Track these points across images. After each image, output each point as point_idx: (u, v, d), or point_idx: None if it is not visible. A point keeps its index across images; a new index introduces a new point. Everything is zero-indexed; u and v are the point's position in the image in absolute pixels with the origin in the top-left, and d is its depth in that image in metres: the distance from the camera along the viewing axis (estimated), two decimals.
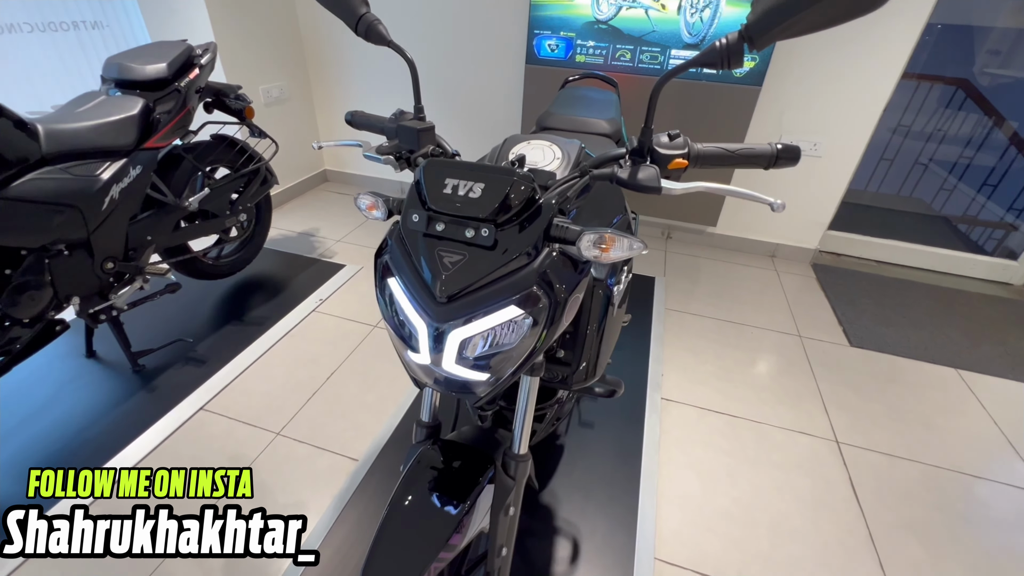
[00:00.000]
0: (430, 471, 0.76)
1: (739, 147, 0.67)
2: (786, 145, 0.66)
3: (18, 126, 1.29)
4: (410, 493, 0.72)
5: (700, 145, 0.68)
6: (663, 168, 0.66)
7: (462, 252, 0.60)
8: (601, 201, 0.95)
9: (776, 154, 0.65)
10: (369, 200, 0.71)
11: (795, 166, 0.67)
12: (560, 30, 2.41)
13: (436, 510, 0.70)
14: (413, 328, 0.63)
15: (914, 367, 2.02)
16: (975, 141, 3.67)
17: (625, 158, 0.68)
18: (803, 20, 0.50)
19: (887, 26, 2.11)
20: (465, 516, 0.69)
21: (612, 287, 0.88)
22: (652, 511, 1.38)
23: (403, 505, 0.71)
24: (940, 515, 1.43)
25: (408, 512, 0.69)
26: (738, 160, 0.67)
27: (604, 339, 0.90)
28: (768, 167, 0.67)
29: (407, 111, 0.82)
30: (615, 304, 0.89)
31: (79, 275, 1.47)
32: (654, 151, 0.66)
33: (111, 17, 2.37)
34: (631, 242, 0.60)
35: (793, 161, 0.67)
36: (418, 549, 0.65)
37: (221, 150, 1.95)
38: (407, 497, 0.72)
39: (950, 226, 3.43)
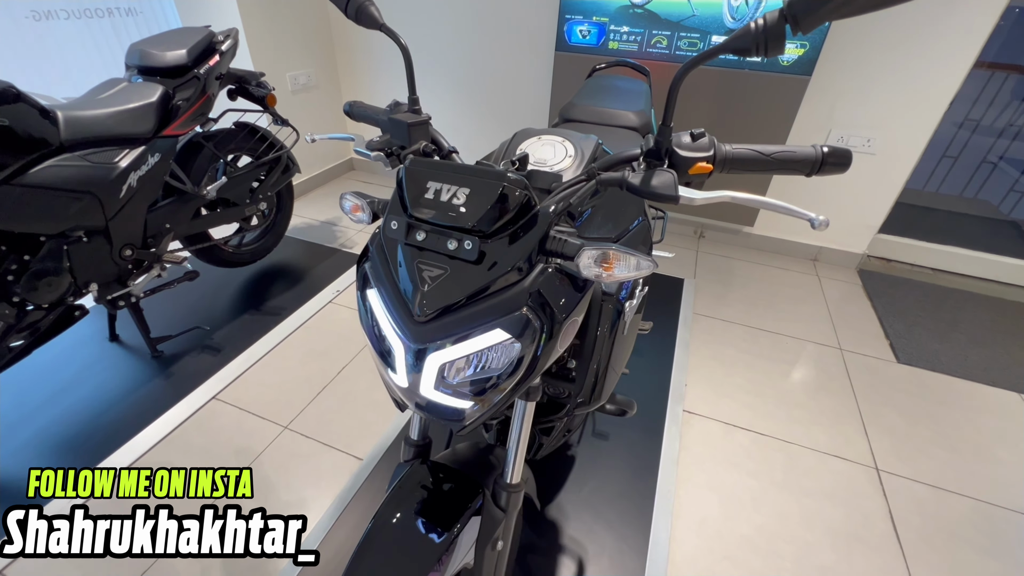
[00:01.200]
0: (415, 493, 0.70)
1: (776, 149, 0.57)
2: (833, 148, 0.55)
3: (39, 113, 1.29)
4: (392, 516, 0.66)
5: (729, 147, 0.58)
6: (683, 173, 0.57)
7: (444, 266, 0.53)
8: (620, 202, 0.86)
9: (821, 158, 0.55)
10: (353, 201, 0.64)
11: (844, 172, 0.57)
12: (592, 15, 2.28)
13: (417, 538, 0.64)
14: (391, 347, 0.57)
15: (970, 389, 1.83)
16: None
17: (639, 160, 0.58)
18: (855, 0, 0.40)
19: (961, 9, 1.89)
20: (447, 549, 0.63)
21: (624, 302, 0.79)
22: (666, 534, 1.29)
23: (383, 529, 0.66)
24: (993, 562, 1.28)
25: (388, 537, 0.63)
26: (774, 165, 0.57)
27: (612, 359, 0.81)
28: (811, 174, 0.57)
29: (403, 103, 0.75)
30: (627, 321, 0.80)
31: (97, 262, 1.49)
32: (673, 153, 0.57)
33: (145, 3, 2.40)
34: (639, 260, 0.51)
35: (842, 167, 0.56)
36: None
37: (243, 138, 1.93)
38: (388, 520, 0.66)
39: (1020, 232, 3.11)
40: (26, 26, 2.02)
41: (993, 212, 3.40)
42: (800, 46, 2.06)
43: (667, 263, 2.47)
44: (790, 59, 2.10)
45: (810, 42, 2.04)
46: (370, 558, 0.63)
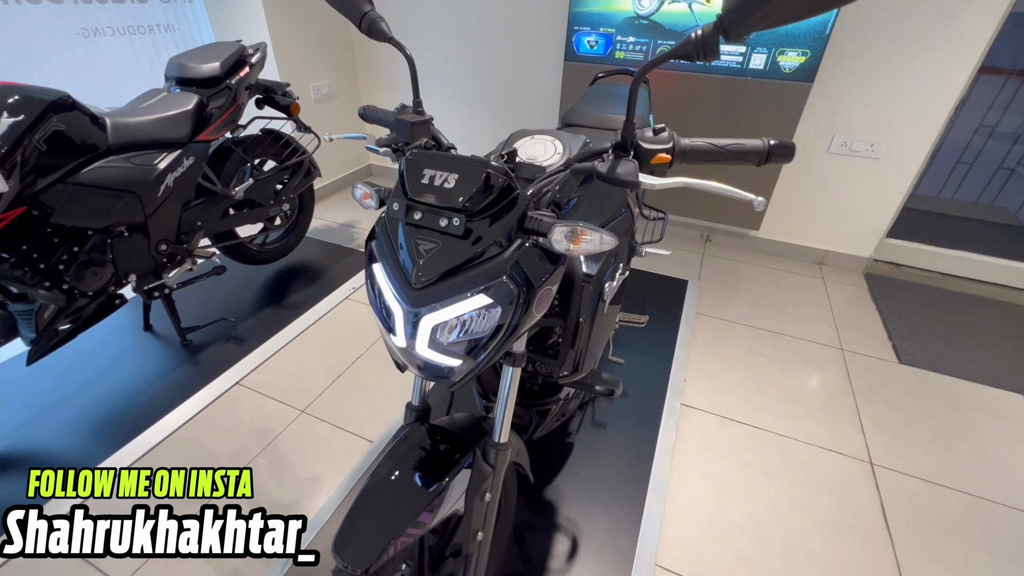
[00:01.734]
0: (412, 451, 0.78)
1: (729, 142, 0.64)
2: (779, 141, 0.63)
3: (90, 120, 1.44)
4: (388, 469, 0.75)
5: (687, 140, 0.66)
6: (646, 163, 0.65)
7: (436, 240, 0.62)
8: (603, 195, 0.94)
9: (768, 150, 0.63)
10: (363, 190, 0.74)
11: (790, 162, 0.64)
12: (600, 26, 2.38)
13: (410, 487, 0.72)
14: (392, 312, 0.66)
15: (973, 390, 1.84)
16: None
17: (608, 152, 0.67)
18: (778, 10, 0.48)
19: (959, 16, 1.93)
20: (438, 496, 0.71)
21: (604, 283, 0.86)
22: (658, 516, 1.35)
23: (379, 480, 0.74)
24: (985, 554, 1.30)
25: (383, 487, 0.72)
26: (727, 156, 0.64)
27: (594, 334, 0.89)
28: (760, 163, 0.64)
29: (409, 105, 0.85)
30: (606, 300, 0.88)
31: (136, 255, 1.63)
32: (637, 145, 0.65)
33: (182, 20, 2.58)
34: (602, 236, 0.59)
35: (787, 158, 0.63)
36: (387, 523, 0.67)
37: (268, 143, 2.08)
38: (384, 472, 0.74)
39: None
40: (76, 42, 2.21)
41: (1011, 219, 3.36)
42: (801, 54, 2.12)
43: (672, 266, 2.53)
44: (792, 66, 2.16)
45: (811, 50, 2.10)
46: (368, 502, 0.71)
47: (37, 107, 1.27)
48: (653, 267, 2.51)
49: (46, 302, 1.42)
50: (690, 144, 0.65)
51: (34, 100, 1.28)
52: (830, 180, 2.43)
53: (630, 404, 1.70)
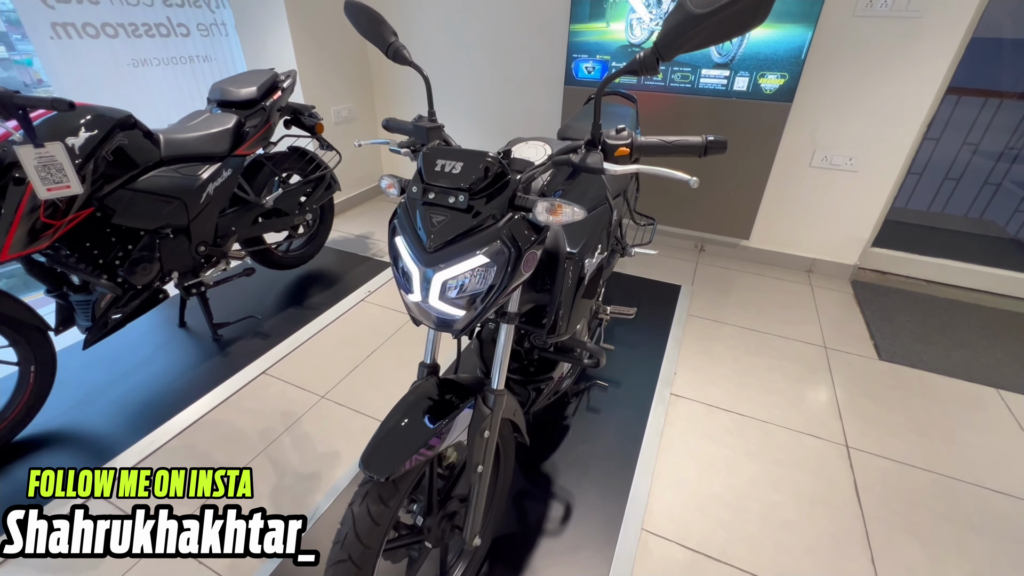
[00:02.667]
0: (425, 395, 0.93)
1: (675, 139, 0.82)
2: (716, 137, 0.80)
3: (147, 136, 1.66)
4: (405, 406, 0.90)
5: (643, 138, 0.83)
6: (610, 155, 0.83)
7: (446, 214, 0.79)
8: (585, 190, 1.11)
9: (706, 144, 0.80)
10: (388, 180, 0.92)
11: (724, 153, 0.81)
12: (596, 54, 2.60)
13: (421, 419, 0.87)
14: (410, 273, 0.83)
15: (948, 384, 1.95)
16: None
17: (581, 148, 0.85)
18: (698, 36, 0.65)
19: (920, 42, 2.12)
20: (444, 427, 0.86)
21: (583, 260, 1.03)
22: (645, 489, 1.48)
23: (397, 414, 0.88)
24: (948, 524, 1.41)
25: (401, 419, 0.87)
26: (674, 149, 0.82)
27: (576, 302, 1.05)
28: (701, 155, 0.81)
29: (425, 116, 1.04)
30: (586, 275, 1.05)
31: (179, 254, 1.83)
32: (603, 142, 0.83)
33: (219, 52, 2.86)
34: (575, 209, 0.76)
35: (721, 150, 0.80)
36: (404, 444, 0.82)
37: (295, 159, 2.30)
38: (402, 408, 0.89)
39: (1022, 249, 3.20)
40: (127, 71, 2.47)
41: (998, 231, 3.49)
42: (780, 76, 2.32)
43: (666, 272, 2.69)
44: (772, 88, 2.36)
45: (789, 73, 2.29)
46: (389, 429, 0.86)
47: (107, 124, 1.50)
48: (648, 273, 2.68)
49: (105, 292, 1.61)
50: (644, 141, 0.82)
51: (105, 118, 1.50)
52: (814, 192, 2.59)
53: (622, 393, 1.84)
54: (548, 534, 1.34)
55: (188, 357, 1.97)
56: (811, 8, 2.14)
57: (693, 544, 1.33)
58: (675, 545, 1.33)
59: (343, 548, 0.80)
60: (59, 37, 2.21)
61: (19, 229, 1.34)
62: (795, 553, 1.32)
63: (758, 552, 1.32)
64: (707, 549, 1.32)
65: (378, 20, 0.98)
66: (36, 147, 1.27)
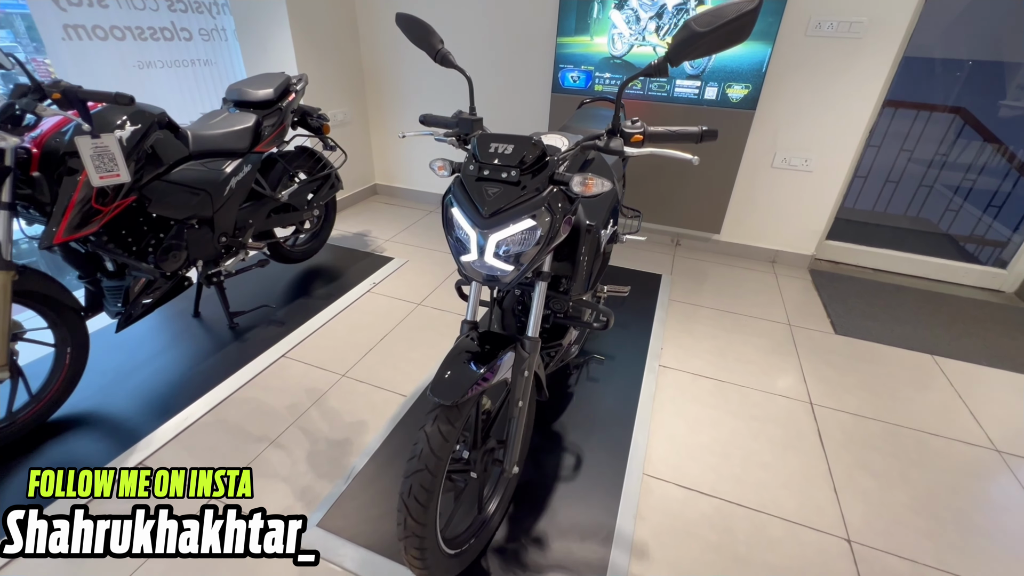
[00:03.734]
0: (473, 343, 1.10)
1: (679, 128, 1.03)
2: (708, 127, 1.02)
3: (177, 135, 1.78)
4: (459, 350, 1.06)
5: (653, 128, 1.05)
6: (628, 141, 1.03)
7: (499, 187, 0.98)
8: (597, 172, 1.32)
9: (701, 133, 1.02)
10: (439, 163, 1.10)
11: (715, 141, 1.03)
12: (581, 64, 2.85)
13: (474, 360, 1.04)
14: (466, 238, 1.01)
15: (893, 352, 2.26)
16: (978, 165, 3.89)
17: (603, 135, 1.05)
18: (699, 48, 0.87)
19: (858, 59, 2.46)
20: (494, 365, 1.04)
21: (600, 231, 1.24)
22: (644, 442, 1.68)
23: (454, 356, 1.05)
24: (895, 461, 1.68)
25: (458, 359, 1.04)
26: (677, 136, 1.03)
27: (595, 267, 1.26)
28: (698, 142, 1.03)
29: (464, 111, 1.22)
30: (603, 243, 1.25)
31: (204, 244, 1.93)
32: (622, 130, 1.04)
33: (220, 56, 2.96)
34: (602, 181, 0.96)
35: (713, 138, 1.02)
36: (465, 377, 0.99)
37: (303, 158, 2.43)
38: (457, 351, 1.06)
39: (952, 242, 3.63)
40: (133, 72, 2.55)
41: (933, 228, 3.93)
42: (745, 87, 2.62)
43: (648, 264, 2.94)
44: (738, 97, 2.65)
45: (752, 83, 2.59)
46: (449, 367, 1.02)
47: (148, 120, 1.61)
48: (633, 264, 2.92)
49: (139, 277, 1.71)
50: (653, 129, 1.04)
51: (146, 114, 1.61)
52: (776, 190, 2.90)
53: (617, 366, 2.05)
54: (563, 480, 1.53)
55: (208, 343, 2.07)
56: (770, 27, 2.45)
57: (687, 483, 1.54)
58: (672, 485, 1.54)
59: (420, 460, 0.96)
60: (70, 38, 2.28)
61: (73, 214, 1.44)
62: (772, 487, 1.55)
63: (742, 488, 1.54)
64: (699, 487, 1.54)
65: (428, 29, 1.17)
66: (93, 138, 1.39)
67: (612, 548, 1.33)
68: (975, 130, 3.79)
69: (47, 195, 1.43)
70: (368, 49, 3.38)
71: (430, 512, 0.97)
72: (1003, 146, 3.73)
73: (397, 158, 3.76)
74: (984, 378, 2.11)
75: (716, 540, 1.38)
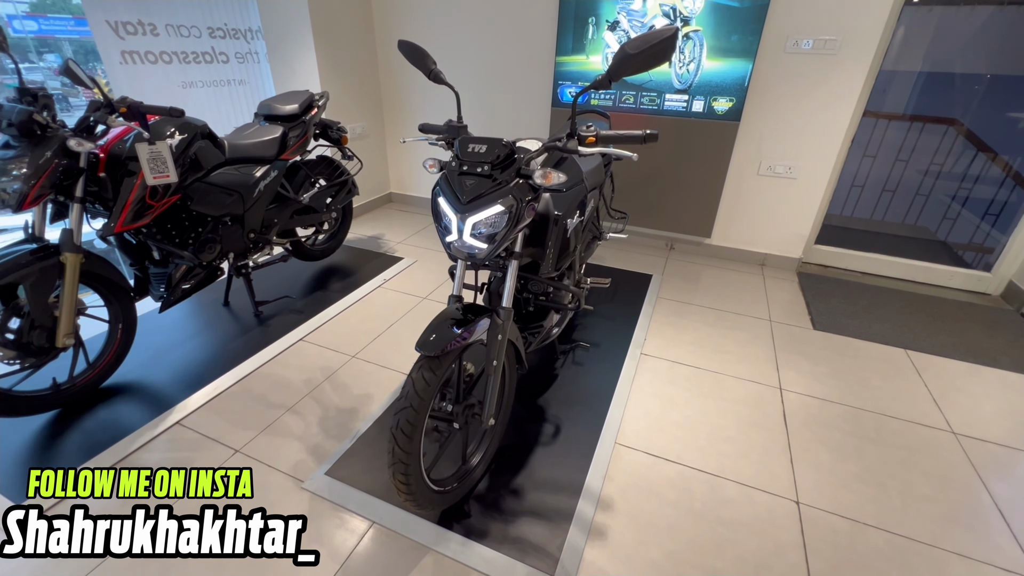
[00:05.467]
0: (455, 311, 1.32)
1: (625, 132, 1.24)
2: (651, 131, 1.23)
3: (216, 143, 2.07)
4: (443, 315, 1.27)
5: (604, 132, 1.26)
6: (583, 142, 1.25)
7: (475, 179, 1.20)
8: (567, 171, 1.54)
9: (644, 136, 1.23)
10: (431, 161, 1.33)
11: (656, 142, 1.24)
12: (578, 81, 3.09)
13: (453, 323, 1.25)
14: (449, 221, 1.23)
15: (867, 347, 2.39)
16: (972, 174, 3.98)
17: (563, 138, 1.27)
18: (631, 67, 1.08)
19: (835, 73, 2.64)
20: (471, 327, 1.25)
21: (566, 221, 1.46)
22: (619, 415, 1.86)
23: (439, 319, 1.26)
24: (852, 439, 1.81)
25: (441, 321, 1.25)
26: (624, 139, 1.24)
27: (560, 252, 1.47)
28: (643, 143, 1.24)
29: (454, 120, 1.46)
30: (568, 230, 1.47)
31: (234, 239, 2.20)
32: (579, 134, 1.26)
33: (252, 76, 3.30)
34: (558, 175, 1.18)
35: (655, 139, 1.23)
36: (446, 334, 1.20)
37: (323, 166, 2.71)
38: (441, 316, 1.27)
39: (947, 248, 3.71)
40: (177, 91, 2.89)
41: (928, 235, 4.01)
42: (729, 100, 2.82)
43: (640, 266, 3.13)
44: (723, 109, 2.85)
45: (736, 97, 2.79)
46: (434, 328, 1.23)
47: (193, 130, 1.90)
48: (626, 265, 3.11)
49: (183, 263, 1.98)
50: (604, 133, 1.25)
51: (191, 125, 1.90)
52: (762, 196, 3.07)
53: (601, 352, 2.24)
54: (542, 445, 1.72)
55: (236, 328, 2.33)
56: (750, 45, 2.65)
57: (655, 452, 1.71)
58: (641, 453, 1.71)
59: (407, 399, 1.17)
60: (126, 63, 2.62)
61: (130, 209, 1.71)
62: (732, 457, 1.71)
63: (705, 457, 1.70)
64: (665, 455, 1.70)
65: (423, 53, 1.41)
66: (150, 144, 1.67)
67: (580, 500, 1.51)
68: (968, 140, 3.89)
69: (110, 192, 1.71)
70: (385, 70, 3.70)
71: (414, 443, 1.18)
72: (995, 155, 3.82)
73: (411, 168, 4.05)
74: (953, 370, 2.22)
75: (675, 498, 1.54)
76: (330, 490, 1.51)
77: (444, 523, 1.42)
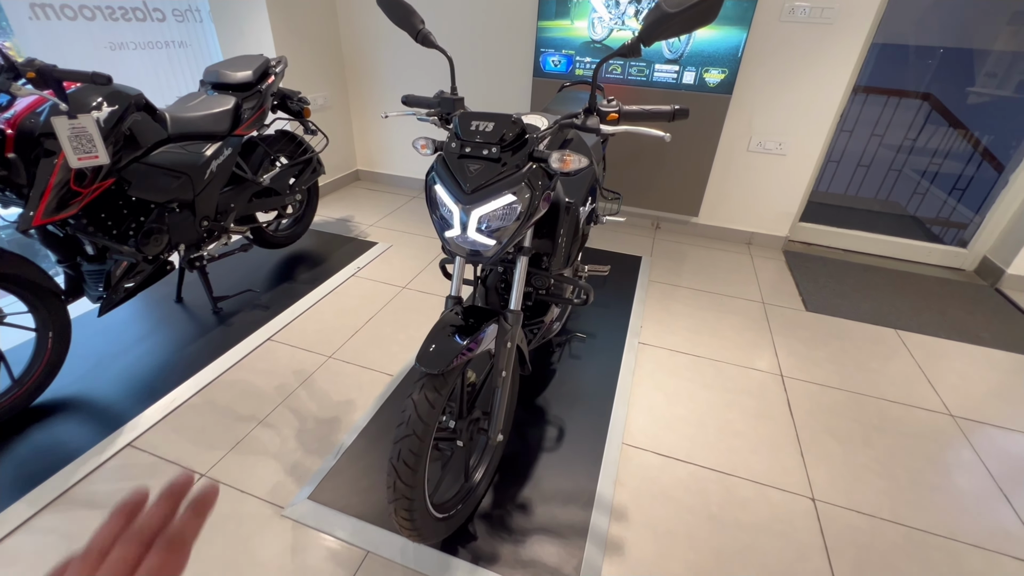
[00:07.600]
0: (458, 316, 1.15)
1: (652, 107, 1.08)
2: (681, 106, 1.07)
3: (155, 116, 1.76)
4: (444, 323, 1.11)
5: (627, 107, 1.09)
6: (604, 119, 1.08)
7: (480, 164, 1.01)
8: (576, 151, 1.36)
9: (673, 112, 1.06)
10: (422, 141, 1.13)
11: (687, 119, 1.08)
12: (562, 48, 2.87)
13: (458, 332, 1.08)
14: (449, 213, 1.04)
15: (859, 327, 2.37)
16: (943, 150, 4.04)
17: (581, 114, 1.09)
18: (669, 29, 0.91)
19: (828, 45, 2.53)
20: (478, 336, 1.08)
21: (579, 209, 1.28)
22: (623, 413, 1.75)
23: (440, 328, 1.09)
24: (858, 427, 1.78)
25: (443, 331, 1.08)
26: (650, 116, 1.08)
27: (574, 243, 1.31)
28: (671, 120, 1.08)
29: (446, 91, 1.24)
30: (581, 221, 1.30)
31: (185, 228, 1.92)
32: (599, 109, 1.08)
33: (194, 38, 2.89)
34: (579, 158, 1.01)
35: (685, 116, 1.07)
36: (450, 347, 1.03)
37: (284, 142, 2.42)
38: (442, 323, 1.10)
39: (919, 224, 3.77)
40: (105, 54, 2.49)
41: (901, 210, 4.08)
42: (721, 72, 2.67)
43: (629, 247, 3.01)
44: (715, 82, 2.71)
45: (728, 68, 2.65)
46: (435, 338, 1.06)
47: (125, 101, 1.59)
48: (615, 246, 2.98)
49: (121, 260, 1.70)
50: (628, 108, 1.08)
51: (123, 95, 1.60)
52: (751, 173, 2.98)
53: (598, 343, 2.12)
54: (546, 451, 1.59)
55: (192, 328, 2.07)
56: (745, 12, 2.50)
57: (664, 451, 1.62)
58: (650, 453, 1.61)
59: (408, 426, 1.00)
60: (38, 18, 2.22)
61: (51, 196, 1.42)
62: (744, 453, 1.64)
63: (715, 454, 1.62)
64: (676, 454, 1.61)
65: (409, 10, 1.19)
66: (70, 118, 1.37)
67: (593, 511, 1.40)
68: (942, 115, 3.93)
69: (23, 177, 1.41)
70: (348, 32, 3.34)
71: (418, 476, 1.02)
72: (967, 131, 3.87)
73: (379, 143, 3.74)
74: (942, 350, 2.23)
75: (690, 502, 1.46)
76: (315, 517, 1.34)
77: (448, 548, 1.28)
